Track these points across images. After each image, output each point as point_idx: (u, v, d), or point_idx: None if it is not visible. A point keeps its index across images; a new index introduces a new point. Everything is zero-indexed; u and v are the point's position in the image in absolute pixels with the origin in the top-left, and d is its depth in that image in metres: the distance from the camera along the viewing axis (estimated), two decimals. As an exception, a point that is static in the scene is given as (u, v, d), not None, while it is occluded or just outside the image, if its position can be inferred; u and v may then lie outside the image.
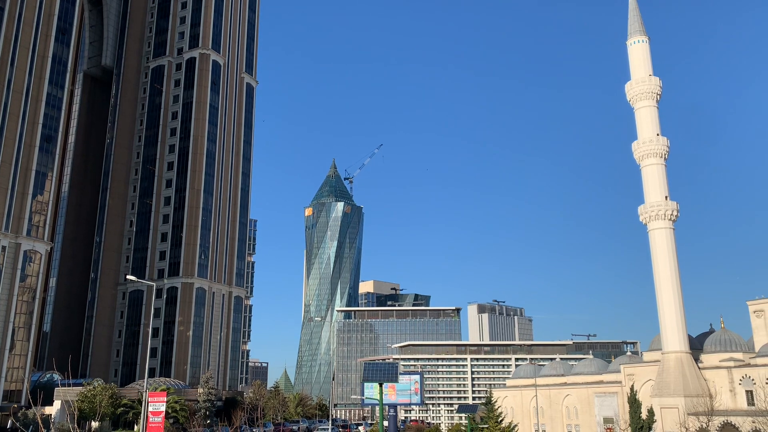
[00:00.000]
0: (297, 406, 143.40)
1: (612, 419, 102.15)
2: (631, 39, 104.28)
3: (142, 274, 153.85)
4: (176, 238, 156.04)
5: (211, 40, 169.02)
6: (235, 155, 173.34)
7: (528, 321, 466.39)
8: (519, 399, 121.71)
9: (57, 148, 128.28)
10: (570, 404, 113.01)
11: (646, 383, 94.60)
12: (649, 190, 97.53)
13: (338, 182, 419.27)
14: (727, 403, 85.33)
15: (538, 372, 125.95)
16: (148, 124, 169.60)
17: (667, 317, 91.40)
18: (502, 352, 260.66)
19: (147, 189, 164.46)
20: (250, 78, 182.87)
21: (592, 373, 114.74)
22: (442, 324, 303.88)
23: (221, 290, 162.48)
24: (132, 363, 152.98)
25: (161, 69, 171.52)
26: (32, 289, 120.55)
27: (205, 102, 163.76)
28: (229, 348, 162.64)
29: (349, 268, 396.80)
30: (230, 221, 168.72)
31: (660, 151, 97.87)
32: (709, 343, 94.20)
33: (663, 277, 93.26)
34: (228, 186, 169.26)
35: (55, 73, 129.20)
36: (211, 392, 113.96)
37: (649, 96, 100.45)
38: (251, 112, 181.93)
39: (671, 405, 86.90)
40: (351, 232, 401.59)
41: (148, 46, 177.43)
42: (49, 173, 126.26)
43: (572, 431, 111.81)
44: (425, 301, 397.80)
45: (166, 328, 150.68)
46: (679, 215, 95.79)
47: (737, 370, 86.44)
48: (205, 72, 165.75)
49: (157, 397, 49.95)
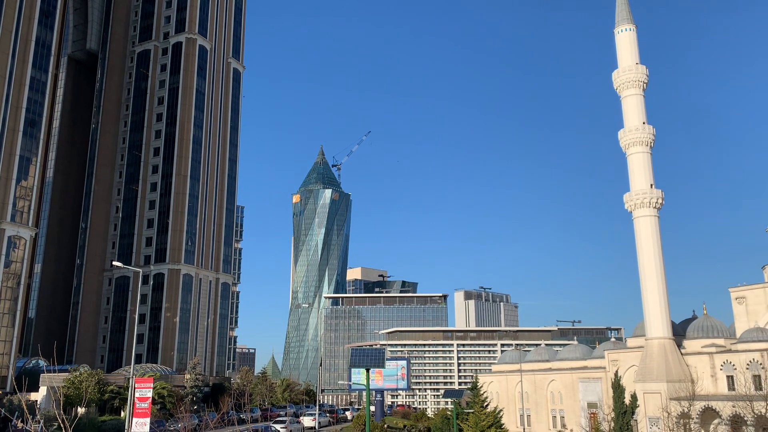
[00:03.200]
0: (284, 391, 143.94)
1: (596, 404, 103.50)
2: (619, 27, 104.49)
3: (129, 260, 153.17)
4: (163, 224, 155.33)
5: (198, 24, 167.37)
6: (222, 141, 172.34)
7: (514, 307, 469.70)
8: (504, 384, 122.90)
9: (41, 133, 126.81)
10: (555, 389, 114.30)
11: (630, 369, 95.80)
12: (634, 178, 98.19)
13: (326, 169, 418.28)
14: (708, 388, 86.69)
15: (524, 358, 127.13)
16: (134, 109, 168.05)
17: (651, 304, 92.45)
18: (488, 338, 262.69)
19: (133, 175, 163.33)
20: (237, 63, 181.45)
21: (576, 358, 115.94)
22: (429, 310, 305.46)
23: (208, 276, 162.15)
24: (118, 349, 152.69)
25: (147, 53, 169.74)
26: (17, 275, 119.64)
27: (192, 87, 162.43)
28: (216, 334, 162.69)
29: (337, 255, 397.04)
30: (217, 207, 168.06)
31: (646, 140, 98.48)
32: (691, 330, 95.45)
33: (647, 265, 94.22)
34: (215, 172, 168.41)
35: (39, 56, 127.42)
36: (198, 378, 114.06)
37: (635, 84, 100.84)
38: (238, 97, 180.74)
39: (654, 390, 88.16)
40: (339, 219, 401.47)
41: (133, 30, 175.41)
42: (34, 158, 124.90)
43: (557, 416, 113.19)
44: (412, 288, 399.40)
45: (153, 314, 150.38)
46: (663, 203, 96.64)
47: (719, 356, 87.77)
48: (192, 57, 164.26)
49: (144, 383, 49.88)
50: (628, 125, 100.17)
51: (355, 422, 77.65)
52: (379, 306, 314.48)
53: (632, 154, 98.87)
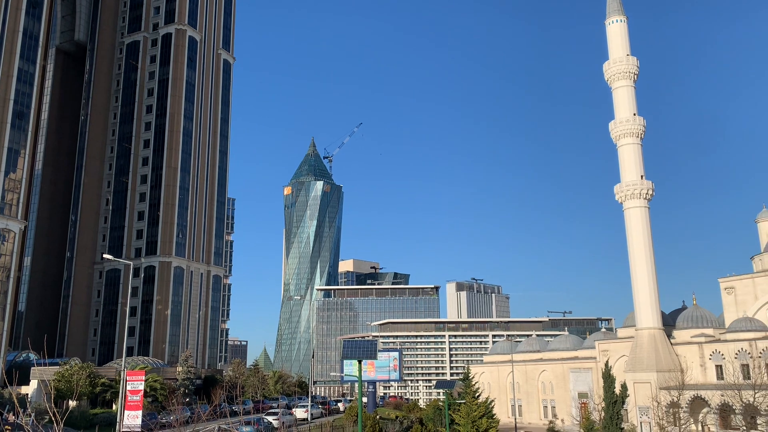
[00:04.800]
0: (276, 383, 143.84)
1: (586, 394, 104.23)
2: (610, 18, 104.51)
3: (119, 253, 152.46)
4: (153, 216, 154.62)
5: (188, 15, 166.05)
6: (213, 133, 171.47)
7: (505, 298, 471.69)
8: (496, 375, 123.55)
9: (29, 125, 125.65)
10: (546, 380, 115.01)
11: (620, 359, 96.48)
12: (625, 169, 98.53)
13: (317, 161, 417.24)
14: (697, 378, 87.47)
15: (515, 348, 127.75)
16: (124, 101, 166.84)
17: (641, 294, 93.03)
18: (479, 329, 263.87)
19: (123, 167, 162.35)
20: (227, 54, 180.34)
21: (567, 349, 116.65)
22: (421, 302, 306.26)
23: (199, 269, 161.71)
24: (110, 342, 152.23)
25: (136, 45, 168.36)
26: (6, 268, 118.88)
27: (182, 79, 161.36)
28: (207, 327, 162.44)
29: (329, 247, 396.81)
30: (208, 200, 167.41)
31: (636, 131, 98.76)
32: (681, 320, 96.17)
33: (637, 256, 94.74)
34: (205, 164, 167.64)
35: (27, 48, 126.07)
36: (190, 371, 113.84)
37: (626, 76, 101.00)
38: (228, 89, 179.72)
39: (644, 380, 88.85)
40: (330, 211, 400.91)
41: (122, 20, 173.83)
42: (22, 151, 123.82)
43: (548, 406, 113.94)
44: (404, 280, 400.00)
45: (144, 307, 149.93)
46: (654, 194, 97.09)
47: (708, 346, 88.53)
48: (182, 48, 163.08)
49: (135, 375, 49.80)
50: (618, 116, 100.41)
51: (348, 413, 77.86)
52: (371, 298, 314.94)
53: (623, 146, 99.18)
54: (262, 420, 72.56)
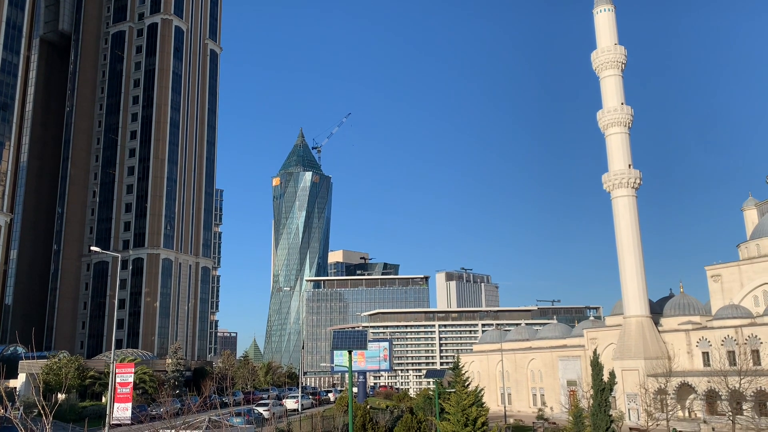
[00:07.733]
0: (266, 374, 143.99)
1: (575, 382, 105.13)
2: (597, 8, 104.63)
3: (107, 245, 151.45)
4: (141, 208, 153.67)
5: (174, 5, 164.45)
6: (200, 124, 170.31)
7: (494, 288, 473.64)
8: (485, 363, 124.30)
9: (14, 117, 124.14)
10: (535, 368, 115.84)
11: (609, 347, 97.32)
12: (613, 158, 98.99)
13: (306, 152, 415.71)
14: (684, 365, 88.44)
15: (504, 337, 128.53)
16: (110, 91, 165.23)
17: (629, 283, 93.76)
18: (469, 319, 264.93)
19: (110, 158, 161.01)
20: (214, 44, 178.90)
21: (556, 337, 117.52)
22: (410, 292, 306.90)
23: (188, 261, 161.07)
24: (98, 335, 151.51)
25: (122, 35, 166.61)
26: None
27: (168, 69, 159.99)
28: (197, 318, 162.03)
29: (318, 238, 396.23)
30: (196, 191, 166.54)
31: (624, 120, 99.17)
32: (668, 307, 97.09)
33: (625, 244, 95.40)
34: (193, 155, 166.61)
35: (10, 38, 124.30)
36: (180, 363, 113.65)
37: (614, 65, 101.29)
38: (216, 79, 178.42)
39: (632, 367, 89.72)
40: (319, 202, 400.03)
41: (107, 10, 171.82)
42: (7, 143, 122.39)
43: (537, 394, 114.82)
44: (394, 270, 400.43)
45: (133, 299, 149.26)
46: (642, 183, 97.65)
47: (695, 333, 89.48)
48: (168, 38, 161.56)
49: (124, 368, 49.64)
50: (606, 106, 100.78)
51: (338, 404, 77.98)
52: (361, 288, 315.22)
53: (611, 135, 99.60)
54: (253, 411, 72.59)
